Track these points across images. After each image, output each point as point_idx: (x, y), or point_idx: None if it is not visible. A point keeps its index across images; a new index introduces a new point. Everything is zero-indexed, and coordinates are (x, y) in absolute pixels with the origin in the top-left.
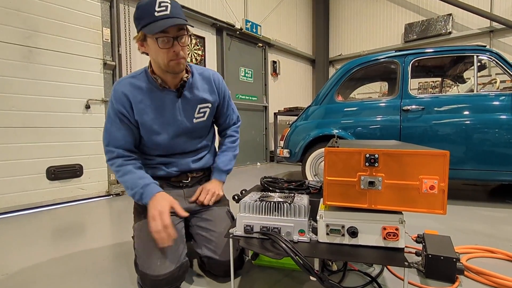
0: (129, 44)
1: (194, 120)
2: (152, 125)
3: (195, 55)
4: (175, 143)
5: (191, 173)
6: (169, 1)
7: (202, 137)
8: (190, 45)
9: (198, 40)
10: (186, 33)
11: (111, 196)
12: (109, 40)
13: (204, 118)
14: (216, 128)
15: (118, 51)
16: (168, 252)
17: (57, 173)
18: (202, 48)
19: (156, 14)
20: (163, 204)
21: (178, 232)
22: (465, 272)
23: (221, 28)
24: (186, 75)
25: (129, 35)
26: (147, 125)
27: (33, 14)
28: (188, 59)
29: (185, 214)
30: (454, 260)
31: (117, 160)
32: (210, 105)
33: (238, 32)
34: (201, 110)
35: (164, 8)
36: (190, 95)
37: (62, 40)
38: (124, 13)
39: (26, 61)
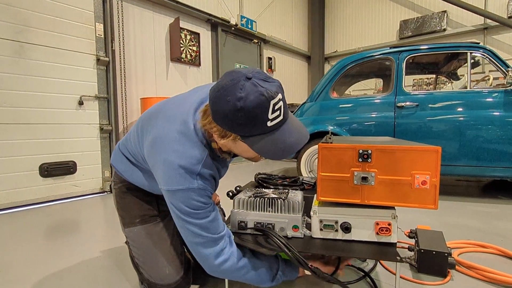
0: (123, 39)
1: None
2: None
3: (190, 51)
4: None
5: None
6: (281, 96)
7: None
8: (185, 42)
9: (193, 36)
10: None
11: (106, 193)
12: (102, 36)
13: None
14: None
15: (112, 46)
16: (173, 258)
17: (50, 170)
18: (197, 44)
19: (269, 123)
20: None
21: (175, 235)
22: (457, 267)
23: (216, 24)
24: None
25: (123, 30)
26: None
27: (24, 8)
28: (183, 55)
29: None
30: (446, 255)
31: (233, 253)
32: None
33: (233, 28)
34: None
35: (278, 112)
36: None
37: (54, 35)
38: (118, 8)
39: (17, 57)
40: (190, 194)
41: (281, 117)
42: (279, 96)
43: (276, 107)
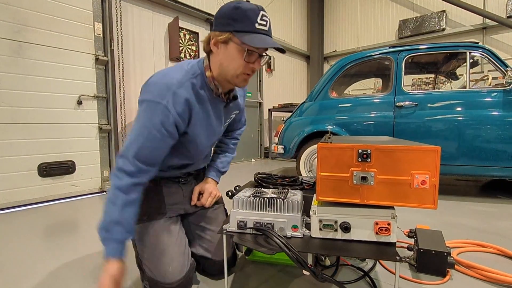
0: (121, 39)
1: (224, 125)
2: (198, 138)
3: (189, 50)
4: (206, 150)
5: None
6: (268, 18)
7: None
8: (184, 41)
9: (192, 35)
10: (265, 55)
11: (105, 193)
12: (101, 35)
13: (230, 122)
14: None
15: (111, 46)
16: (178, 256)
17: (49, 170)
18: (196, 43)
19: (257, 26)
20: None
21: (181, 234)
22: (456, 266)
23: None
24: None
25: (121, 30)
26: (196, 140)
27: (22, 7)
28: (182, 55)
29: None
30: (445, 254)
31: (127, 179)
32: (239, 111)
33: None
34: (231, 116)
35: (264, 23)
36: (233, 105)
37: (53, 34)
38: (116, 7)
39: (16, 56)
40: (156, 108)
41: (266, 28)
42: (267, 17)
43: (264, 18)
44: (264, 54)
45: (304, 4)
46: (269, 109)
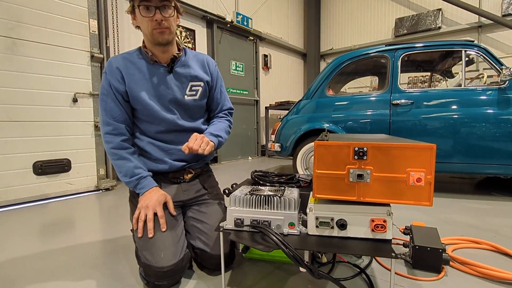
0: (117, 36)
1: (186, 97)
2: (144, 97)
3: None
4: (170, 116)
5: (189, 168)
6: None
7: (197, 118)
8: (180, 38)
9: (188, 32)
10: (170, 4)
11: (101, 191)
12: (96, 32)
13: (197, 97)
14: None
15: (106, 43)
16: (171, 244)
17: (44, 168)
18: (192, 41)
19: None
20: (159, 198)
21: (179, 224)
22: (451, 263)
23: (212, 21)
24: (178, 52)
25: (117, 27)
26: (139, 97)
27: (16, 4)
28: None
29: (174, 213)
30: (440, 251)
31: (114, 138)
32: (202, 83)
33: (228, 25)
34: (193, 88)
35: None
36: (182, 71)
37: (47, 31)
38: (112, 4)
39: (10, 53)
40: (102, 79)
41: None
42: None
43: None
44: (165, 5)
45: (301, 2)
46: (266, 107)
